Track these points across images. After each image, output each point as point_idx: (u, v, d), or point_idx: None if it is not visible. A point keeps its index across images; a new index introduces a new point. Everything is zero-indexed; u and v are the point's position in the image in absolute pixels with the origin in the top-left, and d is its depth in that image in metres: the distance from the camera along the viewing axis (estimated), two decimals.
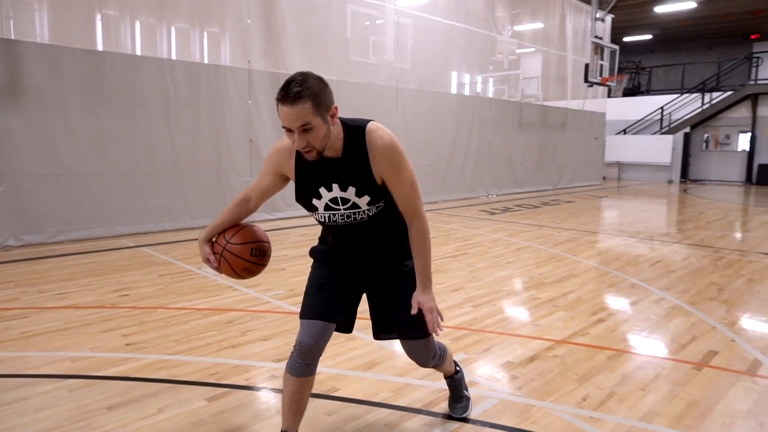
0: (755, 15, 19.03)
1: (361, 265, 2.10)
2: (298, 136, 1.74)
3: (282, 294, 4.45)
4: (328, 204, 1.94)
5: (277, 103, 1.74)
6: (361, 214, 1.94)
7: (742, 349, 3.36)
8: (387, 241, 2.07)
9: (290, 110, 1.70)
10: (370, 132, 1.88)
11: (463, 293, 4.53)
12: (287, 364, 2.00)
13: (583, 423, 2.45)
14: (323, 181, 1.92)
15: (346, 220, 1.96)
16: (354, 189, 1.90)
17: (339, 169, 1.89)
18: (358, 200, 1.91)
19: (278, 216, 8.59)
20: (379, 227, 2.01)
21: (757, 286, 4.87)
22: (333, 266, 2.09)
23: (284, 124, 1.74)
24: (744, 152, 18.15)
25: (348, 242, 2.06)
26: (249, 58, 8.11)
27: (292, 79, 1.72)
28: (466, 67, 13.42)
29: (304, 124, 1.72)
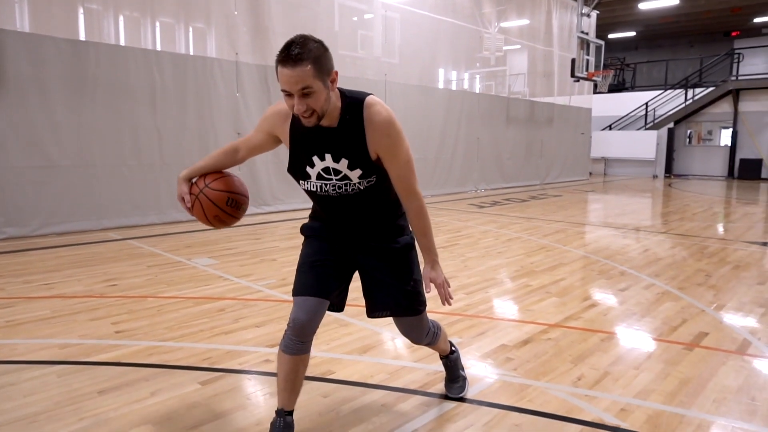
0: (734, 12, 19.34)
1: (353, 241, 2.06)
2: (297, 100, 1.69)
3: (273, 283, 4.42)
4: (320, 173, 1.90)
5: (276, 66, 1.69)
6: (352, 186, 1.89)
7: (731, 331, 3.40)
8: (378, 218, 2.03)
9: (291, 72, 1.65)
10: (369, 105, 1.83)
11: (455, 281, 4.53)
12: (281, 343, 1.96)
13: (580, 401, 2.45)
14: (317, 150, 1.87)
15: (337, 191, 1.91)
16: (347, 161, 1.85)
17: (334, 139, 1.84)
18: (349, 173, 1.87)
19: (267, 210, 8.52)
20: (371, 202, 1.97)
21: (743, 273, 4.94)
22: (324, 242, 2.05)
23: (283, 87, 1.68)
24: (726, 147, 18.43)
25: (339, 216, 2.01)
26: (236, 50, 8.03)
27: (293, 41, 1.67)
28: (453, 62, 13.44)
29: (304, 87, 1.66)
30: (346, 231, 2.04)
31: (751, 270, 5.04)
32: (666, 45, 24.29)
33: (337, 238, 2.05)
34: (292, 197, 8.88)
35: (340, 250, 2.05)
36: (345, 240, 2.05)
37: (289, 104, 1.73)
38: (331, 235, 2.05)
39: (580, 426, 2.24)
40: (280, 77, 1.68)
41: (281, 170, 8.73)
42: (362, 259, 2.07)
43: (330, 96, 1.75)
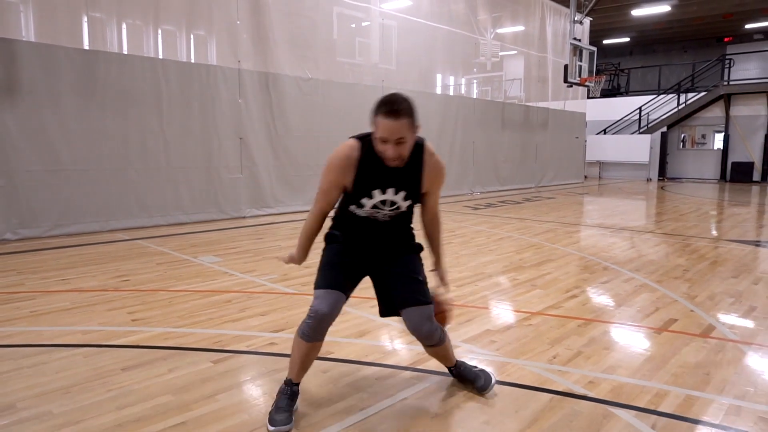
0: (726, 18, 19.70)
1: (373, 251, 2.38)
2: (393, 147, 2.06)
3: (276, 278, 4.70)
4: (376, 204, 2.25)
5: (377, 117, 2.04)
6: (397, 211, 2.31)
7: (699, 317, 3.69)
8: (402, 230, 2.43)
9: (393, 124, 2.02)
10: (428, 151, 2.28)
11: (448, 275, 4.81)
12: (300, 329, 2.26)
13: (553, 375, 2.74)
14: (380, 185, 2.22)
15: (383, 217, 2.30)
16: (404, 193, 2.26)
17: (400, 176, 2.21)
18: (402, 203, 2.28)
19: (268, 212, 8.81)
20: (403, 221, 2.40)
21: (719, 267, 5.23)
22: (345, 249, 2.36)
23: (383, 135, 2.04)
24: (718, 151, 18.75)
25: (372, 234, 2.35)
26: (239, 58, 8.34)
27: (395, 98, 2.04)
28: (450, 68, 13.77)
29: (400, 137, 2.05)
30: (371, 244, 2.37)
31: (727, 265, 5.34)
32: (660, 50, 24.66)
33: (357, 247, 2.37)
34: (293, 199, 9.17)
35: (358, 256, 2.36)
36: (364, 249, 2.37)
37: (382, 148, 2.09)
38: (352, 245, 2.37)
39: (551, 395, 2.53)
40: (381, 126, 2.04)
41: (282, 173, 9.03)
42: (378, 263, 2.38)
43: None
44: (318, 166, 9.60)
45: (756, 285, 4.58)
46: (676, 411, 2.38)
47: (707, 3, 17.54)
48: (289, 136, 9.07)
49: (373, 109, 2.07)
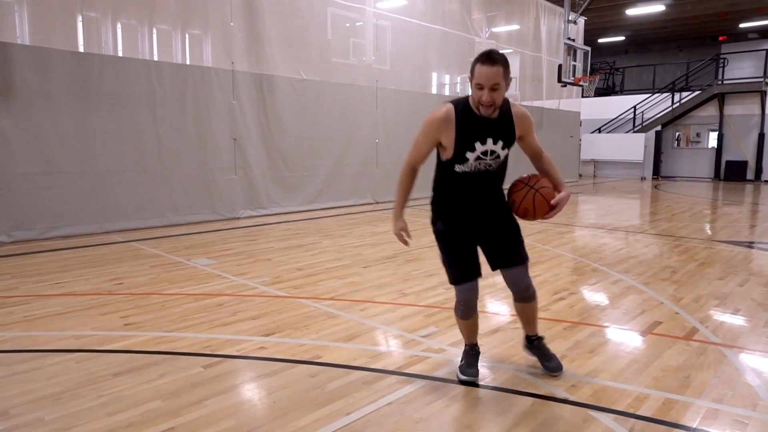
0: (721, 17, 19.78)
1: (480, 215, 2.67)
2: (488, 92, 2.35)
3: (268, 280, 4.75)
4: (479, 155, 2.53)
5: (474, 66, 2.35)
6: (499, 162, 2.59)
7: (684, 320, 3.75)
8: (500, 187, 2.72)
9: (489, 70, 2.32)
10: (513, 104, 2.60)
11: (436, 278, 4.88)
12: (458, 313, 2.76)
13: (536, 379, 2.80)
14: (480, 136, 2.50)
15: (487, 167, 2.57)
16: (502, 142, 2.55)
17: (495, 126, 2.51)
18: (501, 152, 2.57)
19: (262, 212, 8.85)
20: (501, 173, 2.67)
21: (707, 269, 5.30)
22: (458, 238, 2.67)
23: (479, 81, 2.34)
24: (713, 149, 18.85)
25: (478, 190, 2.62)
26: (233, 59, 8.37)
27: (491, 50, 2.36)
28: (444, 67, 13.79)
29: (495, 83, 2.34)
30: (477, 205, 2.65)
31: (715, 267, 5.40)
32: (655, 49, 24.74)
33: (466, 223, 2.67)
34: (287, 200, 9.22)
35: (470, 233, 2.68)
36: (473, 219, 2.67)
37: (477, 95, 2.39)
38: (463, 225, 2.67)
39: (533, 399, 2.58)
40: (479, 73, 2.34)
41: (276, 174, 9.07)
42: (486, 229, 2.70)
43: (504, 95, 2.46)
44: (313, 167, 9.69)
45: (741, 287, 4.64)
46: (655, 414, 2.44)
47: (702, 2, 17.61)
48: (283, 137, 9.11)
49: (473, 62, 2.38)
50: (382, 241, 6.68)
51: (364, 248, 6.24)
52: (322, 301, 4.14)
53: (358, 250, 6.16)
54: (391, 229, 2.76)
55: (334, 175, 10.01)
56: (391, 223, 2.75)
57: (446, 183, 2.65)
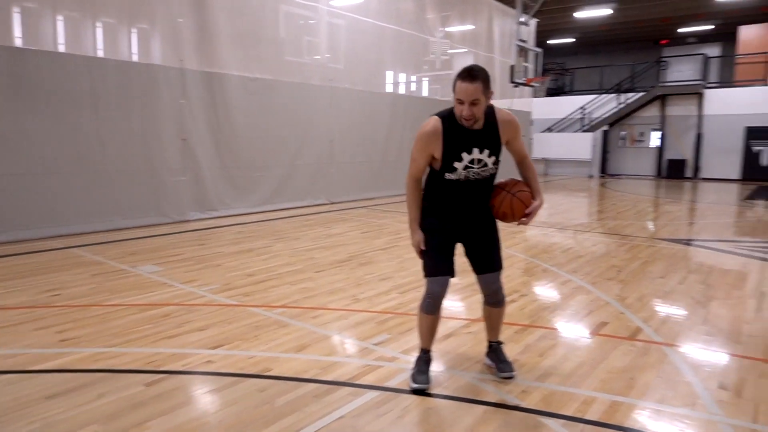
0: (664, 22, 20.62)
1: (464, 220, 2.76)
2: (468, 107, 2.45)
3: (217, 288, 4.61)
4: (467, 165, 2.61)
5: (455, 82, 2.45)
6: (487, 171, 2.67)
7: (628, 320, 3.86)
8: (486, 197, 2.76)
9: (468, 87, 2.42)
10: (498, 110, 2.67)
11: (390, 282, 4.85)
12: (422, 307, 2.80)
13: (488, 385, 2.81)
14: (466, 147, 2.59)
15: (475, 176, 2.65)
16: (488, 151, 2.63)
17: (480, 137, 2.60)
18: (488, 160, 2.64)
19: (214, 215, 8.61)
20: (489, 184, 2.73)
21: (649, 267, 5.49)
22: (441, 235, 2.75)
23: (459, 96, 2.46)
24: (655, 148, 19.65)
25: (466, 198, 2.70)
26: (181, 57, 8.09)
27: (471, 66, 2.46)
28: (399, 66, 13.81)
29: (474, 99, 2.44)
30: (462, 212, 2.75)
31: (657, 265, 5.61)
32: (603, 51, 25.55)
33: (450, 224, 2.76)
34: (239, 202, 9.00)
35: (454, 233, 2.78)
36: (456, 222, 2.76)
37: (458, 110, 2.50)
38: (446, 224, 2.76)
39: (485, 407, 2.59)
40: (459, 89, 2.45)
41: (228, 175, 8.84)
42: (469, 232, 2.80)
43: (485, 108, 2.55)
44: (266, 167, 9.51)
45: (681, 285, 4.83)
46: (601, 418, 2.49)
47: (646, 7, 18.30)
48: (234, 137, 8.89)
49: (455, 77, 2.49)
50: (336, 244, 6.61)
51: (317, 251, 6.16)
52: (273, 309, 4.04)
53: (312, 253, 6.07)
54: (411, 242, 2.86)
55: (287, 175, 9.85)
56: (410, 237, 2.84)
57: (437, 188, 2.74)
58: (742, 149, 17.71)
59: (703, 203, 11.68)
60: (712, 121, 18.23)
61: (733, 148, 17.84)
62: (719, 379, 2.92)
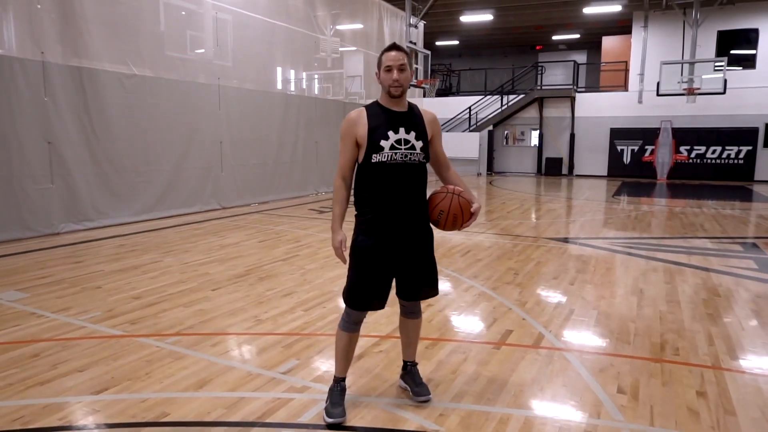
0: (538, 29, 22.15)
1: (401, 231, 2.62)
2: (396, 72, 2.52)
3: (98, 316, 4.10)
4: (393, 144, 2.55)
5: (382, 56, 2.57)
6: (415, 155, 2.59)
7: (531, 326, 4.00)
8: (422, 194, 2.67)
9: (395, 54, 2.54)
10: (422, 108, 2.75)
11: (294, 297, 4.64)
12: (340, 325, 2.72)
13: (405, 411, 2.73)
14: (392, 126, 2.57)
15: (403, 158, 2.56)
16: (414, 133, 2.60)
17: (405, 118, 2.62)
18: (415, 143, 2.59)
19: (89, 225, 7.76)
20: (421, 176, 2.65)
21: (543, 268, 5.79)
22: (376, 262, 2.61)
23: (388, 63, 2.54)
24: (535, 147, 21.07)
25: (399, 190, 2.58)
26: (42, 49, 7.16)
27: (395, 44, 2.63)
28: (289, 65, 13.43)
29: (402, 64, 2.54)
30: (399, 207, 2.60)
31: (549, 266, 5.93)
32: (485, 54, 26.90)
33: (387, 241, 2.60)
34: (119, 210, 8.20)
35: (390, 256, 2.62)
36: (395, 232, 2.61)
37: (386, 78, 2.55)
38: (381, 243, 2.60)
39: None
40: (386, 58, 2.55)
41: (104, 181, 8.01)
42: (406, 252, 2.65)
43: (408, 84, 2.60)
44: (148, 172, 8.76)
45: (572, 285, 5.13)
46: None
47: (522, 15, 19.51)
48: (110, 139, 8.07)
49: (379, 55, 2.59)
50: (231, 256, 6.22)
51: (211, 265, 5.75)
52: (165, 339, 3.66)
53: (205, 268, 5.65)
54: (331, 243, 2.71)
55: (174, 180, 9.16)
56: (331, 237, 2.69)
57: (366, 182, 2.62)
58: (608, 148, 19.52)
59: (581, 200, 12.68)
60: (582, 123, 19.91)
61: (601, 148, 19.62)
62: (617, 382, 3.09)
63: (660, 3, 17.22)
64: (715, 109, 17.77)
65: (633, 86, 19.00)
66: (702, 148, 18.32)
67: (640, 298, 4.75)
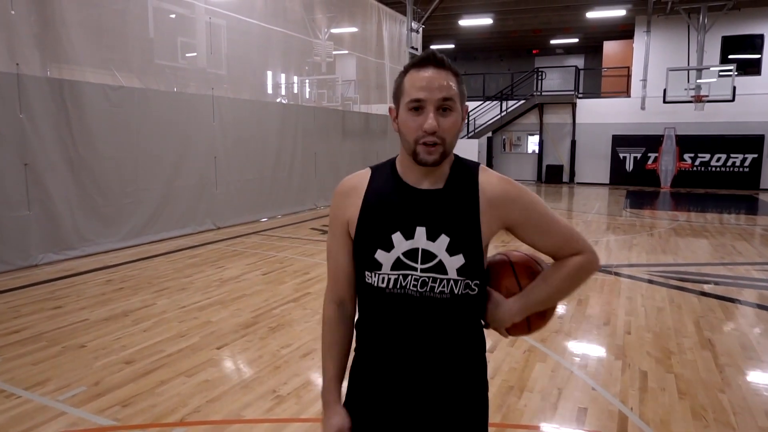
0: (535, 33, 21.65)
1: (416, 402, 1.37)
2: (433, 115, 1.26)
3: (83, 394, 3.37)
4: (400, 258, 1.32)
5: (407, 74, 1.31)
6: (443, 285, 1.32)
7: (605, 400, 3.35)
8: (460, 353, 1.38)
9: (438, 74, 1.27)
10: (484, 170, 1.40)
11: (316, 359, 3.94)
12: None
13: None
14: (404, 222, 1.33)
15: (419, 290, 1.32)
16: (447, 240, 1.31)
17: (435, 204, 1.33)
18: (447, 259, 1.31)
19: (71, 254, 6.98)
20: (457, 322, 1.35)
21: (587, 309, 5.15)
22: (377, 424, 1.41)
23: (417, 95, 1.27)
24: (535, 154, 20.56)
25: (404, 338, 1.35)
26: (17, 60, 6.38)
27: (434, 52, 1.30)
28: (286, 72, 12.76)
29: (447, 97, 1.27)
30: (410, 375, 1.36)
31: (593, 305, 5.30)
32: (480, 57, 26.38)
33: (394, 408, 1.38)
34: (104, 236, 7.43)
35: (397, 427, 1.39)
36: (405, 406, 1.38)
37: (413, 125, 1.29)
38: (386, 406, 1.39)
39: None
40: (416, 81, 1.28)
41: (88, 205, 7.24)
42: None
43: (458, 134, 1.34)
44: (136, 192, 7.97)
45: (629, 335, 4.51)
46: None
47: (521, 19, 18.98)
48: (95, 158, 7.30)
49: (400, 76, 1.34)
50: (234, 295, 5.51)
51: (213, 310, 5.03)
52: (169, 430, 2.96)
53: (206, 314, 4.93)
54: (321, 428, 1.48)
55: (164, 200, 8.40)
56: (322, 418, 1.48)
57: (362, 316, 1.45)
58: (609, 155, 19.06)
59: (592, 214, 12.11)
60: (584, 129, 19.44)
61: (603, 155, 19.16)
62: None
63: (664, 8, 16.79)
64: (720, 116, 17.39)
65: (635, 92, 18.57)
66: (706, 156, 17.94)
67: (714, 352, 4.13)
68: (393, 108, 1.36)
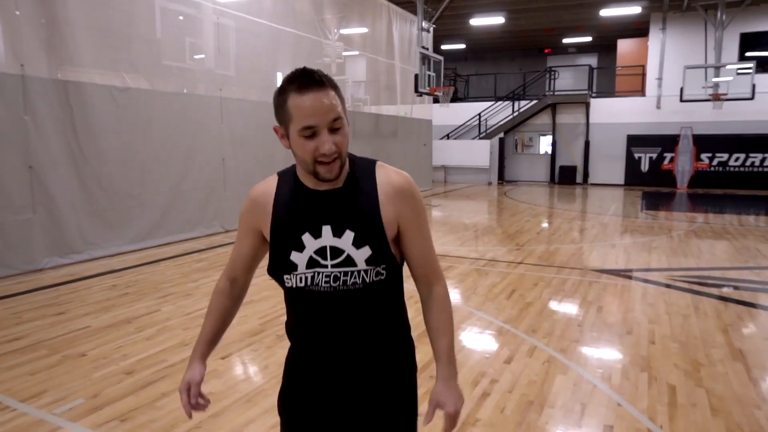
0: (547, 32, 21.35)
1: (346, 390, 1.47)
2: (328, 137, 1.31)
3: (80, 407, 3.22)
4: (312, 257, 1.40)
5: (288, 97, 1.33)
6: (354, 276, 1.40)
7: (631, 417, 3.13)
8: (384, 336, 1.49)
9: (322, 96, 1.29)
10: (381, 166, 1.48)
11: None
12: None
13: None
14: (310, 223, 1.41)
15: (332, 284, 1.40)
16: (352, 235, 1.39)
17: (336, 203, 1.40)
18: (354, 252, 1.39)
19: (76, 259, 6.87)
20: (376, 308, 1.45)
21: (608, 317, 4.92)
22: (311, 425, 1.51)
23: (307, 122, 1.30)
24: (547, 155, 20.26)
25: (330, 333, 1.44)
26: (21, 61, 6.28)
27: (305, 69, 1.33)
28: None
29: (336, 117, 1.31)
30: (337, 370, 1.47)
31: (614, 312, 5.07)
32: (490, 57, 26.12)
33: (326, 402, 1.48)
34: (110, 240, 7.31)
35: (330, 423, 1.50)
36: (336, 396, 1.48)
37: (309, 148, 1.32)
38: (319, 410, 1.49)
39: None
40: (301, 108, 1.30)
41: (94, 208, 7.13)
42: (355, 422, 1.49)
43: None
44: (143, 195, 7.84)
45: (654, 345, 4.27)
46: None
47: (533, 18, 18.72)
48: (101, 161, 7.19)
49: (276, 95, 1.36)
50: None
51: None
52: None
53: None
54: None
55: (172, 202, 8.27)
56: None
57: (289, 318, 1.53)
58: (624, 156, 18.72)
59: (608, 215, 11.83)
60: (597, 129, 19.11)
61: (617, 155, 18.81)
62: None
63: (680, 4, 16.44)
64: (737, 115, 16.99)
65: (651, 91, 18.23)
66: (724, 156, 17.54)
67: (746, 364, 3.89)
68: (279, 128, 1.39)
